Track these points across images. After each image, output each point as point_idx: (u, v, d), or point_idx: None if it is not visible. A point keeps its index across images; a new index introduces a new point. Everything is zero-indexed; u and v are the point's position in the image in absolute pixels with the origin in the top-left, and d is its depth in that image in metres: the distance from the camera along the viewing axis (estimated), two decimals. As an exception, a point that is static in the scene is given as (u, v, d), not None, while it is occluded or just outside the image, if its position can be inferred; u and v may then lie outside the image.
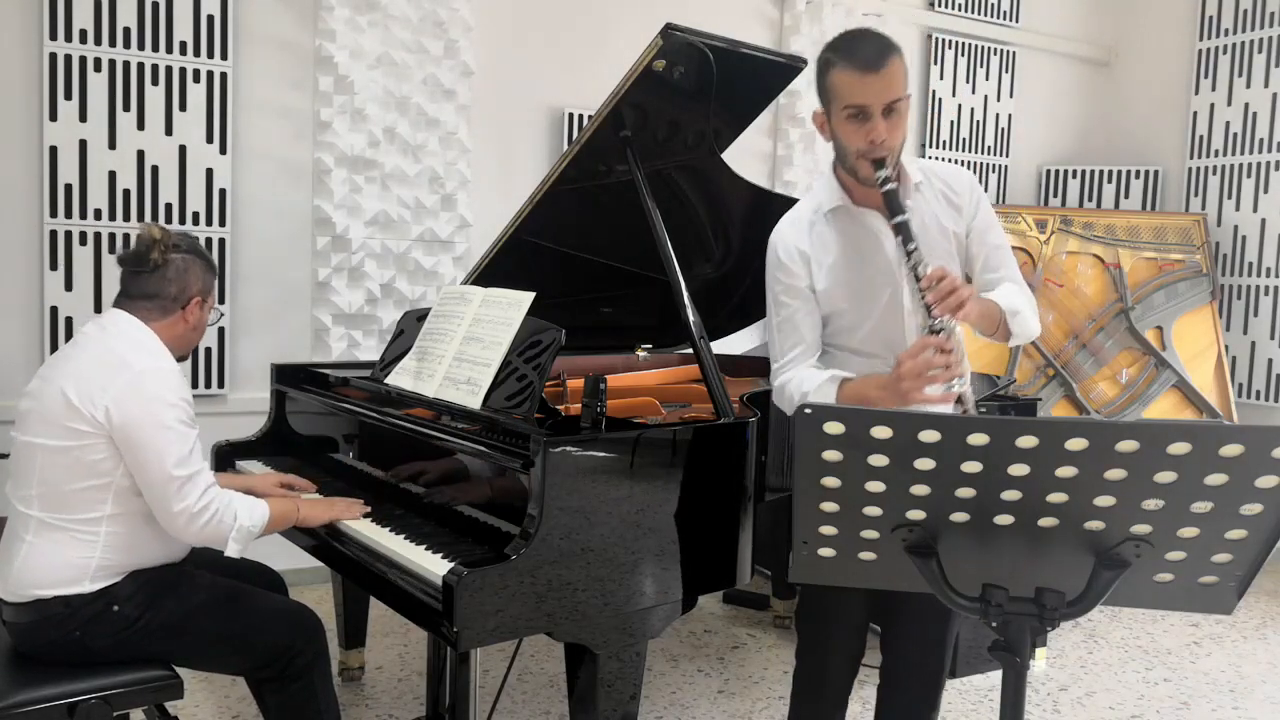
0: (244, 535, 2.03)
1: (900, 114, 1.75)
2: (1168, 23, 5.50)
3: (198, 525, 1.96)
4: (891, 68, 1.72)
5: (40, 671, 1.92)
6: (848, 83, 1.73)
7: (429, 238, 4.08)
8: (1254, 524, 1.17)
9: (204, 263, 2.14)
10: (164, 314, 2.07)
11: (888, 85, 1.71)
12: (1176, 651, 3.68)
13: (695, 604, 2.08)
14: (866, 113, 1.73)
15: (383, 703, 2.97)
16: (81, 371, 1.94)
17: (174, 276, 2.07)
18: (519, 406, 2.04)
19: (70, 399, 1.90)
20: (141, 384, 1.92)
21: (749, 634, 3.64)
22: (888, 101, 1.72)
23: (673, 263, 2.28)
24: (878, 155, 1.73)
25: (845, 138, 1.78)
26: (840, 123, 1.77)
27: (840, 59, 1.74)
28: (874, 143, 1.73)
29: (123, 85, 3.55)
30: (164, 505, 1.93)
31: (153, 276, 2.05)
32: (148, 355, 1.99)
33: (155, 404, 1.92)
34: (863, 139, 1.74)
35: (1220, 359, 4.94)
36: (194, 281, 2.10)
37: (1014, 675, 1.32)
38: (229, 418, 3.62)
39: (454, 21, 4.03)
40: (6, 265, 3.46)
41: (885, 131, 1.73)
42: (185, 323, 2.10)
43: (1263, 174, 5.05)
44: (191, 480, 1.94)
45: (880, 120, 1.72)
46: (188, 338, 2.14)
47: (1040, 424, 1.13)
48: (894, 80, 1.72)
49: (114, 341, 1.99)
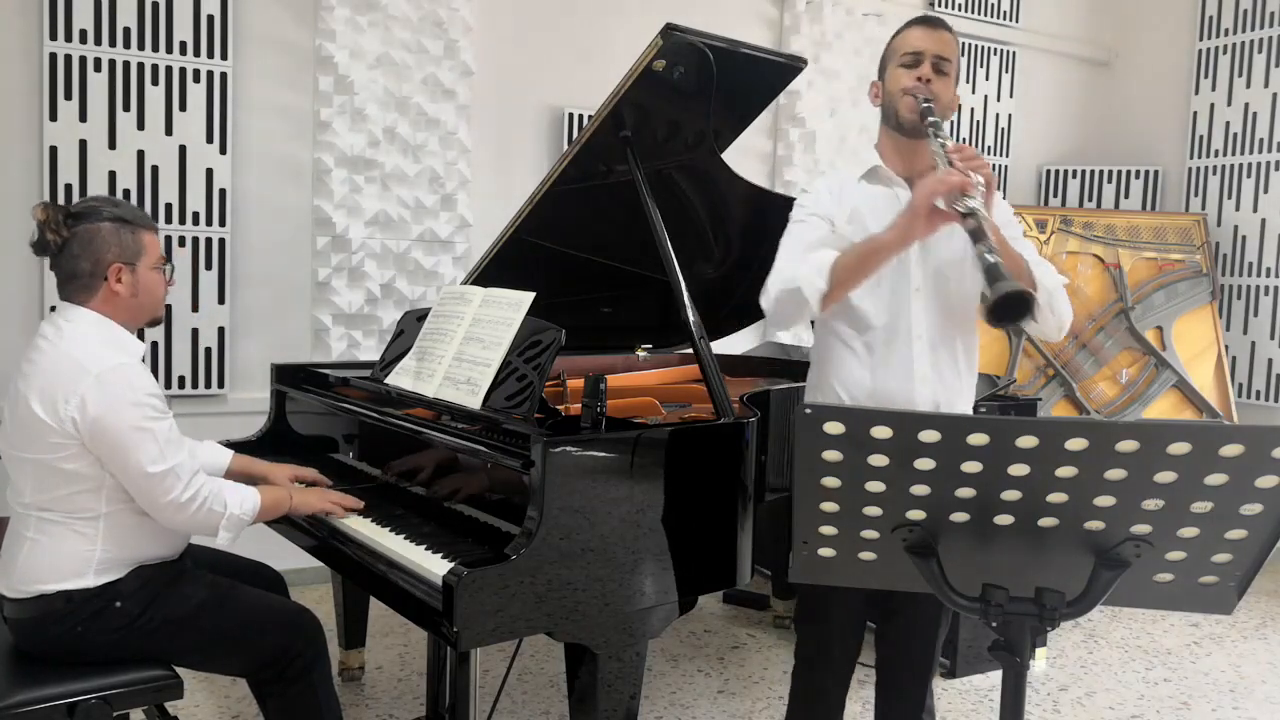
0: (234, 523, 2.02)
1: (947, 76, 1.93)
2: (1168, 23, 5.50)
3: (187, 514, 1.94)
4: (949, 36, 1.96)
5: (40, 671, 1.92)
6: (909, 36, 1.95)
7: (429, 238, 4.08)
8: (1254, 524, 1.17)
9: (115, 224, 1.95)
10: (90, 292, 1.95)
11: (942, 41, 1.93)
12: (1176, 651, 3.68)
13: (695, 604, 2.08)
14: (920, 59, 1.92)
15: (383, 703, 2.97)
16: (44, 382, 1.88)
17: (80, 251, 1.93)
18: (519, 406, 2.04)
19: (38, 413, 1.86)
20: (102, 388, 1.85)
21: (749, 634, 3.64)
22: (939, 54, 1.91)
23: (673, 263, 2.28)
24: (921, 93, 1.88)
25: (895, 82, 1.95)
26: (893, 71, 1.96)
27: (907, 24, 1.99)
28: (919, 79, 1.90)
29: (123, 85, 3.55)
30: (151, 499, 1.92)
31: (61, 258, 1.94)
32: (105, 351, 1.90)
33: (119, 405, 1.86)
34: (910, 78, 1.91)
35: (1220, 359, 4.94)
36: (105, 249, 1.94)
37: (1014, 675, 1.32)
38: (229, 418, 3.62)
39: (454, 21, 4.03)
40: (6, 265, 3.46)
41: (932, 77, 1.90)
42: (119, 294, 1.96)
43: (1263, 174, 5.05)
44: (172, 473, 1.91)
45: (929, 66, 1.91)
46: (136, 306, 2.00)
47: (1040, 424, 1.13)
48: (949, 43, 1.94)
49: (69, 344, 1.91)
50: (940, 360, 1.93)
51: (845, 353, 1.96)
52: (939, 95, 1.89)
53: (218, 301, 3.76)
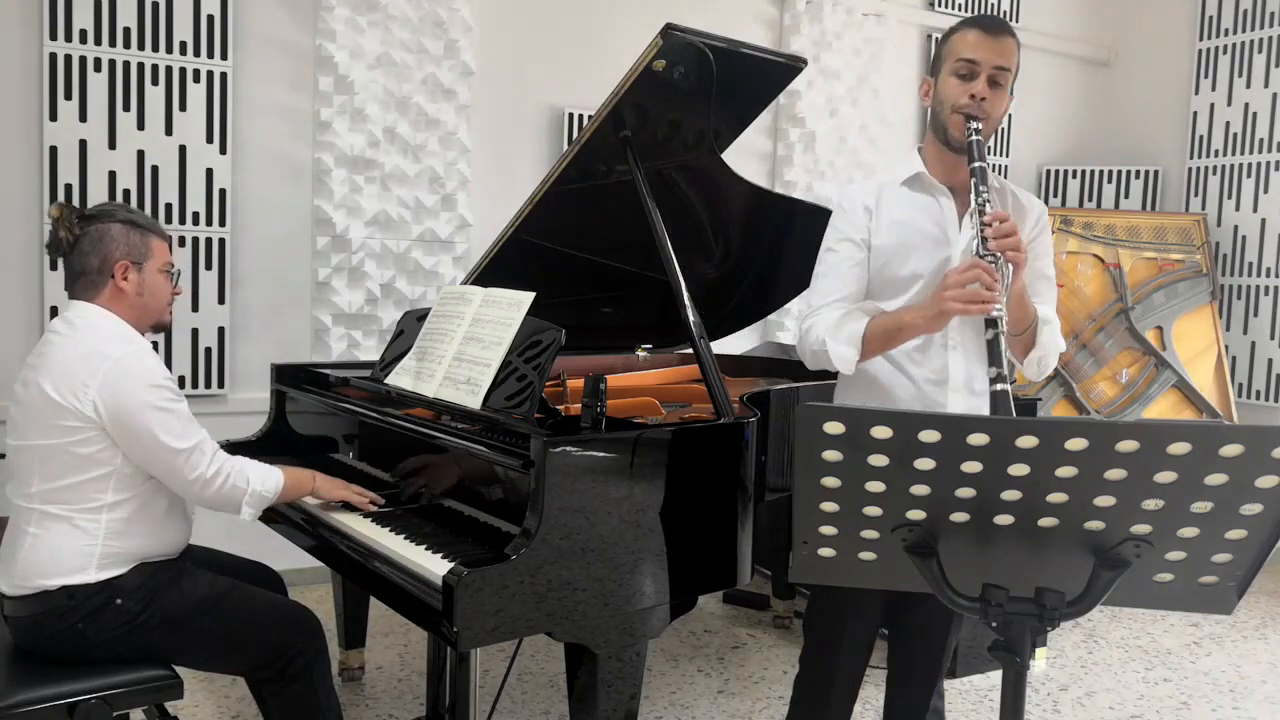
0: (257, 500, 2.07)
1: (1003, 88, 1.85)
2: (1168, 23, 5.50)
3: (213, 489, 2.01)
4: (1010, 41, 1.84)
5: (40, 671, 1.92)
6: (968, 40, 1.84)
7: (429, 238, 4.08)
8: (1254, 524, 1.17)
9: (125, 225, 2.04)
10: (96, 289, 2.02)
11: (1002, 51, 1.83)
12: (1176, 651, 3.68)
13: (695, 604, 2.08)
14: (975, 70, 1.82)
15: (383, 703, 2.97)
16: (59, 367, 1.93)
17: (90, 248, 2.01)
18: (519, 406, 2.04)
19: (52, 396, 1.90)
20: (122, 371, 1.92)
21: (749, 634, 3.64)
22: (997, 64, 1.82)
23: (673, 263, 2.28)
24: (974, 112, 1.81)
25: (948, 91, 1.86)
26: (946, 78, 1.87)
27: (966, 23, 1.87)
28: (973, 97, 1.82)
29: (123, 85, 3.55)
30: (178, 477, 1.97)
31: (72, 255, 2.02)
32: (120, 340, 1.98)
33: (141, 387, 1.92)
34: (964, 94, 1.83)
35: (1220, 359, 4.94)
36: (114, 247, 2.02)
37: (1014, 675, 1.32)
38: (229, 417, 3.62)
39: (454, 21, 4.03)
40: (6, 265, 3.46)
41: (986, 93, 1.82)
42: (124, 292, 2.03)
43: (1263, 174, 5.05)
44: (197, 449, 1.98)
45: (984, 83, 1.82)
46: (141, 306, 2.07)
47: (1040, 424, 1.13)
48: (1009, 51, 1.84)
49: (84, 333, 1.98)
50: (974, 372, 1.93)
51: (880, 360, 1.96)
52: (991, 113, 1.83)
53: (218, 301, 3.76)
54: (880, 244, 1.94)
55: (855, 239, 1.95)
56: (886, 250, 1.94)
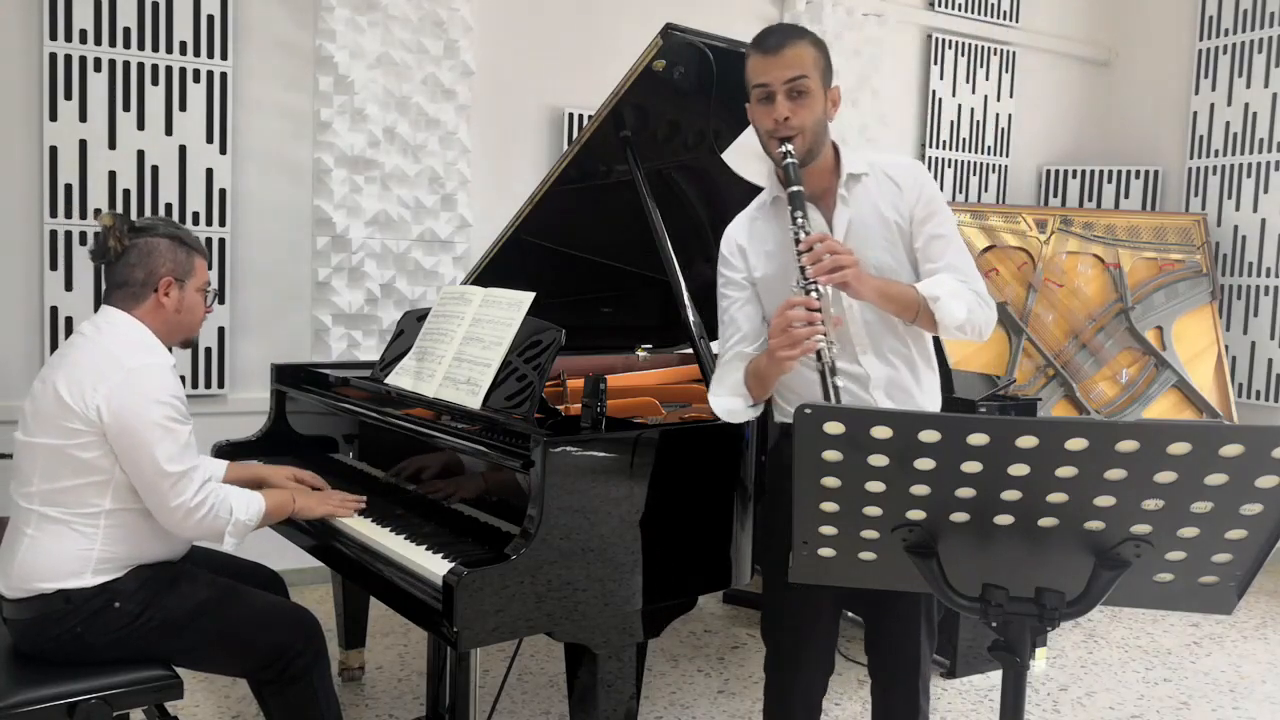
0: (240, 529, 2.05)
1: (807, 93, 1.80)
2: (1168, 23, 5.50)
3: (194, 520, 1.97)
4: (791, 50, 1.79)
5: (40, 671, 1.92)
6: (753, 66, 1.83)
7: (429, 238, 4.08)
8: (1254, 524, 1.17)
9: (172, 242, 2.07)
10: (138, 300, 2.04)
11: (787, 64, 1.79)
12: (1176, 651, 3.68)
13: (695, 604, 2.08)
14: (769, 93, 1.80)
15: (383, 703, 2.97)
16: (75, 369, 1.94)
17: (137, 261, 2.03)
18: (519, 406, 2.04)
19: (63, 396, 1.91)
20: (133, 382, 1.92)
21: (749, 634, 3.64)
22: (787, 79, 1.79)
23: (673, 263, 2.28)
24: (782, 134, 1.80)
25: (757, 120, 1.86)
26: (753, 107, 1.86)
27: (750, 48, 1.85)
28: (777, 121, 1.80)
29: (123, 85, 3.55)
30: (160, 501, 1.94)
31: (118, 264, 2.03)
32: (142, 352, 1.98)
33: (146, 402, 1.91)
34: (768, 118, 1.82)
35: (1220, 359, 4.94)
36: (161, 262, 2.04)
37: (1014, 675, 1.32)
38: (229, 417, 3.62)
39: (454, 21, 4.03)
40: (6, 265, 3.46)
41: (789, 110, 1.79)
42: (164, 307, 2.05)
43: (1263, 174, 5.05)
44: (186, 476, 1.95)
45: (783, 101, 1.79)
46: (176, 322, 2.09)
47: (1040, 424, 1.13)
48: (795, 60, 1.79)
49: (108, 340, 1.99)
50: (894, 368, 1.91)
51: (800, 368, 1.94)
52: (803, 125, 1.79)
53: (218, 301, 3.76)
54: (761, 276, 1.94)
55: (736, 279, 1.96)
56: (768, 281, 1.93)
